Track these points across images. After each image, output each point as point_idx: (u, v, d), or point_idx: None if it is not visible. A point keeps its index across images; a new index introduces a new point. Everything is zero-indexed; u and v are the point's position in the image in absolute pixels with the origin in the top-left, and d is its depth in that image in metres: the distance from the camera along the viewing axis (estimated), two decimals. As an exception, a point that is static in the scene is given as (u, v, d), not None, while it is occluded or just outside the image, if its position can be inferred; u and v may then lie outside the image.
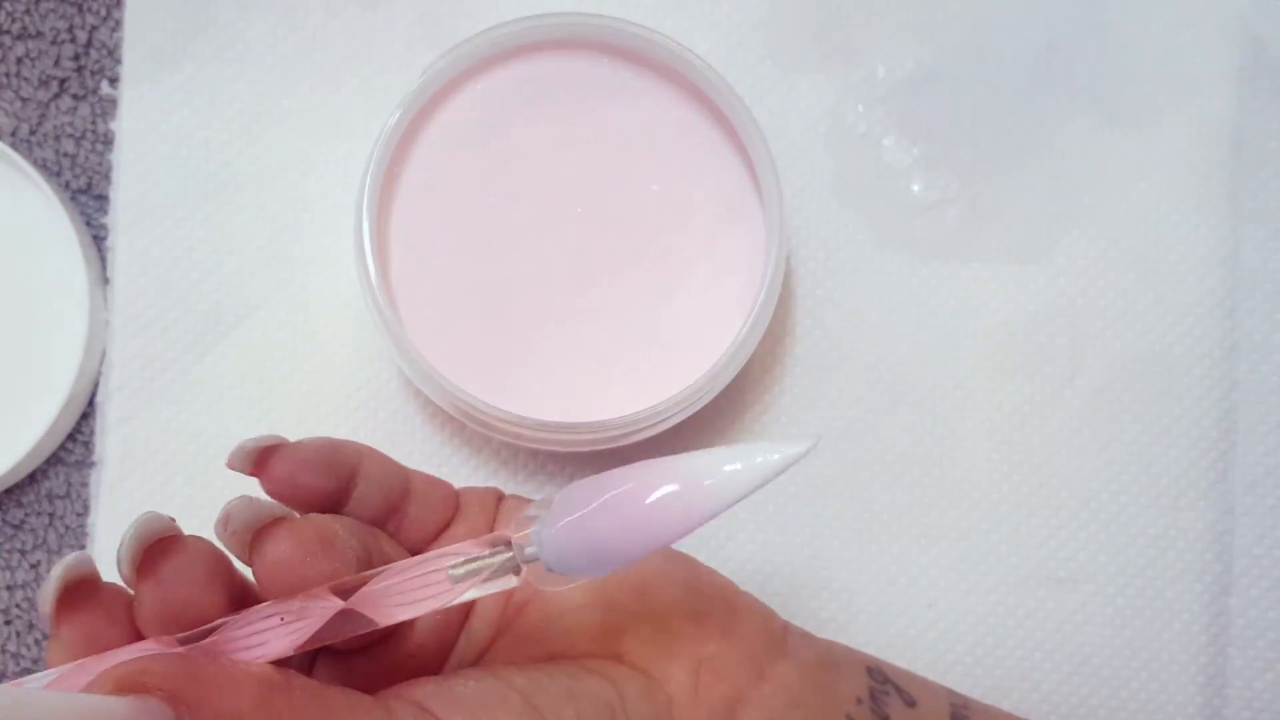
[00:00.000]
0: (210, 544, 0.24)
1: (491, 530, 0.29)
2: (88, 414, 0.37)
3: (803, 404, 0.37)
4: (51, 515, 0.37)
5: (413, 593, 0.23)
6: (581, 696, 0.25)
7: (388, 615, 0.23)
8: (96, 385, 0.37)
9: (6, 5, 0.37)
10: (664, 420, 0.32)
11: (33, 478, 0.37)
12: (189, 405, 0.36)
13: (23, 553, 0.37)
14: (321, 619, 0.23)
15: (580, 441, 0.32)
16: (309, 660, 0.26)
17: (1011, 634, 0.37)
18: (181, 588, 0.23)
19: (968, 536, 0.37)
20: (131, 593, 0.23)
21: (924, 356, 0.37)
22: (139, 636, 0.23)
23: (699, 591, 0.29)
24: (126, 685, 0.20)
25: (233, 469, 0.25)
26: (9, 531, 0.37)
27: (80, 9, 0.37)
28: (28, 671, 0.37)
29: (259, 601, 0.24)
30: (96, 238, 0.37)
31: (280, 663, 0.22)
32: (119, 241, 0.37)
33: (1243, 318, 0.37)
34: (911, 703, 0.29)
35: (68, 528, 0.37)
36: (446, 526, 0.28)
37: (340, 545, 0.24)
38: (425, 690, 0.24)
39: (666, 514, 0.22)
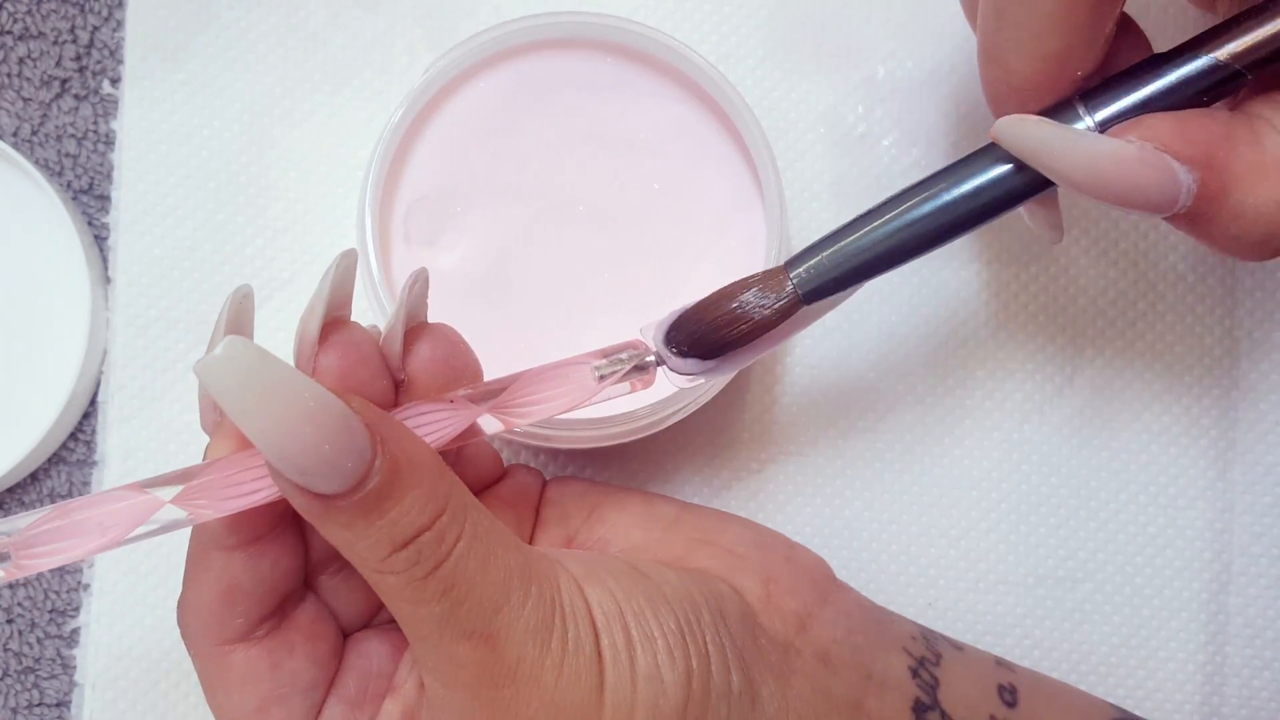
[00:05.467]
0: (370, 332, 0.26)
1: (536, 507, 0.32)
2: (89, 413, 0.37)
3: (803, 403, 0.37)
4: (53, 514, 0.37)
5: (551, 393, 0.27)
6: (678, 570, 0.27)
7: (526, 415, 0.27)
8: (98, 384, 0.37)
9: (8, 6, 0.37)
10: (664, 418, 0.32)
11: (35, 477, 0.37)
12: (190, 405, 0.36)
13: (25, 552, 0.37)
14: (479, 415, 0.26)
15: (579, 439, 0.32)
16: None
17: (1010, 632, 0.37)
18: (359, 366, 0.25)
19: (968, 536, 0.37)
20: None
21: (924, 356, 0.37)
22: None
23: (760, 530, 0.31)
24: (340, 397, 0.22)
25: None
26: (11, 530, 0.37)
27: (82, 9, 0.37)
28: (30, 671, 0.37)
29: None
30: (98, 237, 0.37)
31: None
32: (120, 241, 0.37)
33: (1242, 317, 0.37)
34: (959, 647, 0.31)
35: (69, 527, 0.37)
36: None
37: (468, 346, 0.27)
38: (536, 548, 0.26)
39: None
